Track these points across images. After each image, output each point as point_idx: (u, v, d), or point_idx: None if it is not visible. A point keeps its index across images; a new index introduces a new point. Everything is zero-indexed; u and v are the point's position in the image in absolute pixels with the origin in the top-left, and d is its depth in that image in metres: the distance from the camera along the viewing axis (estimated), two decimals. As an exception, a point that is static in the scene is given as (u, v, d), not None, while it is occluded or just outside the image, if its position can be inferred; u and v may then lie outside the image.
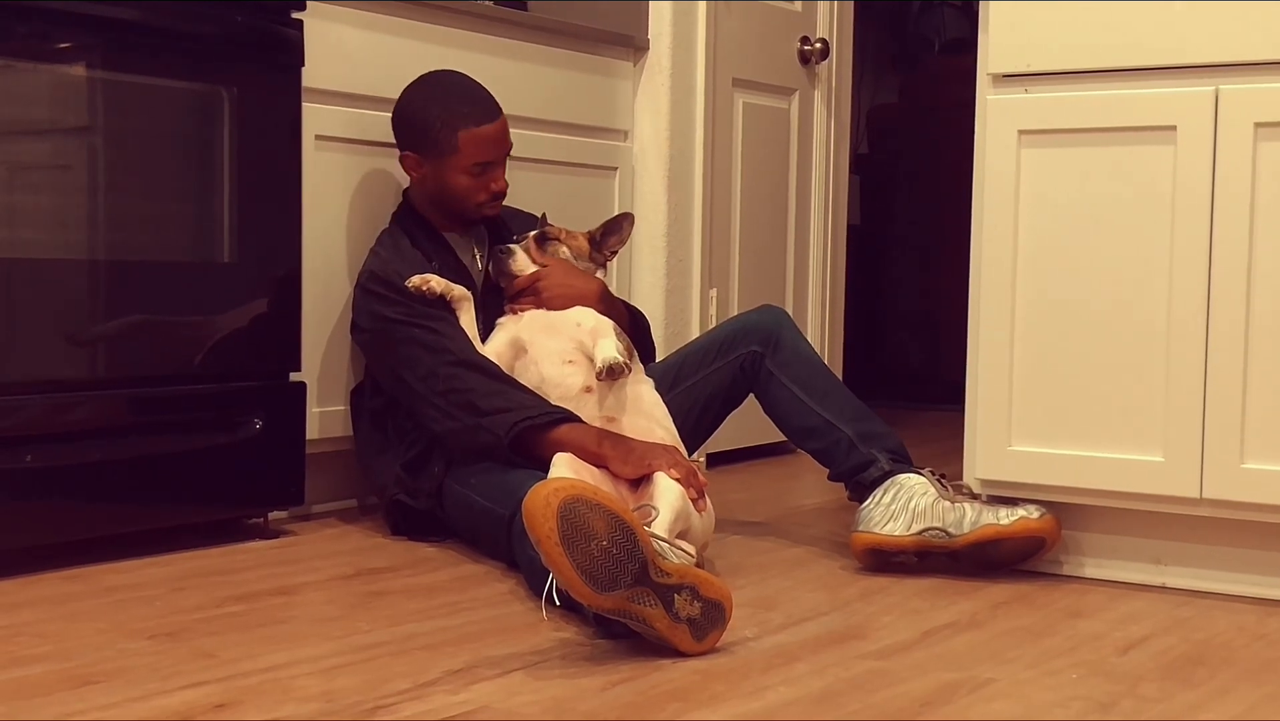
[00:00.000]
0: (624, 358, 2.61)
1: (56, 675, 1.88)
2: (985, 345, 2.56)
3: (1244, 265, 2.34)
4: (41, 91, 2.47)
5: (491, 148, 2.84)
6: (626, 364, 2.61)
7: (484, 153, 2.83)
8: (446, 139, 2.81)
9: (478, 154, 2.82)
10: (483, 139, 2.83)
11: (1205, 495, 2.38)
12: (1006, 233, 2.53)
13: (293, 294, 2.83)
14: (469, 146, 2.81)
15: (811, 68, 4.18)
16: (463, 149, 2.81)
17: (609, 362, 2.58)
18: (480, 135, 2.82)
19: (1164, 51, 2.40)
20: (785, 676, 1.94)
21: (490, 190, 2.86)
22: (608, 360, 2.59)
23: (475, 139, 2.82)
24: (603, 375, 2.59)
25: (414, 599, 2.36)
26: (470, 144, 2.81)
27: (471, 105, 2.84)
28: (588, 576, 1.91)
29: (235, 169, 2.71)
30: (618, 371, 2.59)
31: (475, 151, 2.82)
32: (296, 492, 2.85)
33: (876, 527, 2.58)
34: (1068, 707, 1.83)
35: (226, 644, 2.04)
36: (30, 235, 2.47)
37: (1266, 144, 2.32)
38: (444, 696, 1.82)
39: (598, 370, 2.60)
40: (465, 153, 2.81)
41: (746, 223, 3.97)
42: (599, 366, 2.59)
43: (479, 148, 2.82)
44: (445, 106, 2.83)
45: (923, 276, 5.59)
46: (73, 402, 2.50)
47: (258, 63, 2.75)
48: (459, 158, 2.81)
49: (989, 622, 2.26)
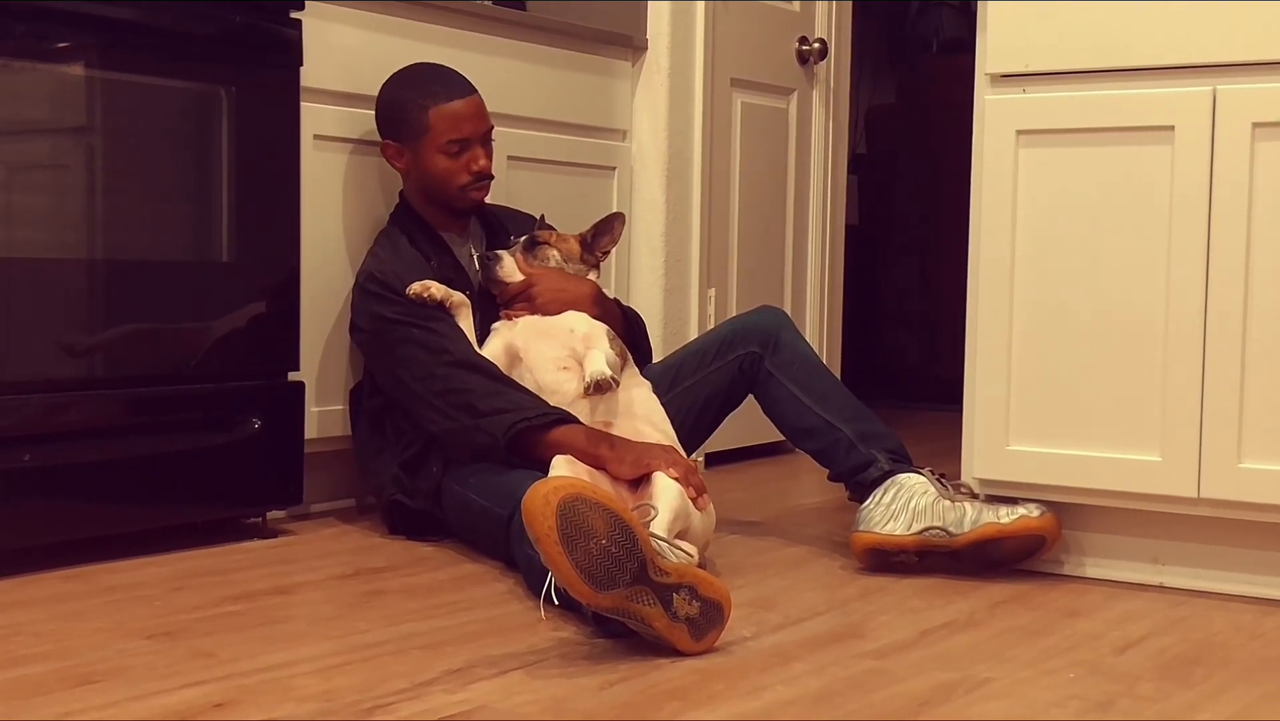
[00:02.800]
0: (612, 372, 2.61)
1: (55, 674, 1.88)
2: (983, 345, 2.56)
3: (1241, 265, 2.34)
4: (40, 91, 2.47)
5: (464, 124, 2.85)
6: (614, 379, 2.60)
7: (456, 129, 2.84)
8: (418, 119, 2.83)
9: (450, 130, 2.83)
10: (453, 114, 2.84)
11: (1203, 495, 2.38)
12: (1004, 232, 2.53)
13: (291, 293, 2.83)
14: (440, 123, 2.83)
15: (810, 68, 4.18)
16: (434, 126, 2.83)
17: (596, 379, 2.57)
18: (450, 111, 2.84)
19: (1162, 51, 2.40)
20: (783, 676, 1.94)
21: (471, 171, 2.86)
22: (595, 376, 2.58)
23: (445, 115, 2.83)
24: (589, 390, 2.59)
25: (412, 598, 2.36)
26: (441, 120, 2.83)
27: (440, 85, 2.87)
28: (586, 575, 1.91)
29: (234, 168, 2.71)
30: (605, 387, 2.58)
31: (447, 128, 2.83)
32: (295, 492, 2.85)
33: (877, 527, 2.58)
34: (1065, 707, 1.83)
35: (225, 643, 2.04)
36: (28, 235, 2.47)
37: (1264, 144, 2.32)
38: (442, 696, 1.82)
39: (585, 386, 2.59)
40: (437, 130, 2.83)
41: (745, 222, 3.97)
42: (586, 381, 2.59)
43: (450, 124, 2.83)
44: (415, 88, 2.86)
45: (921, 276, 5.59)
46: (71, 402, 2.50)
47: (256, 62, 2.75)
48: (432, 136, 2.83)
49: (987, 622, 2.27)
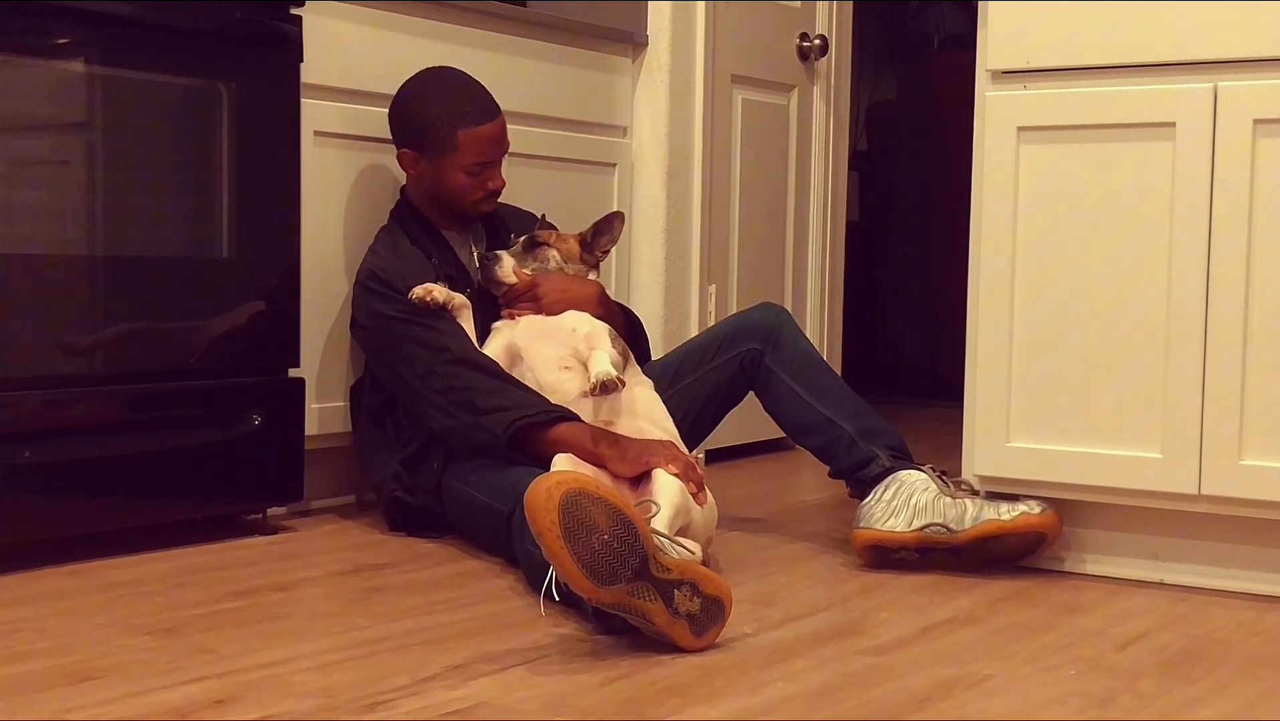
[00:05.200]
0: (617, 372, 2.61)
1: (56, 670, 1.88)
2: (984, 341, 2.56)
3: (1243, 261, 2.34)
4: (40, 87, 2.47)
5: (491, 147, 2.84)
6: (620, 379, 2.60)
7: (484, 152, 2.83)
8: (447, 137, 2.80)
9: (478, 154, 2.82)
10: (483, 138, 2.82)
11: (1203, 491, 2.38)
12: (1005, 229, 2.53)
13: (292, 290, 2.83)
14: (469, 146, 2.81)
15: (810, 64, 4.18)
16: (463, 148, 2.81)
17: (602, 379, 2.57)
18: (480, 135, 2.82)
19: (1163, 48, 2.40)
20: (784, 672, 1.94)
21: (487, 189, 2.86)
22: (600, 377, 2.57)
23: (475, 138, 2.81)
24: (595, 391, 2.59)
25: (412, 594, 2.36)
26: (471, 143, 2.81)
27: (472, 104, 2.83)
28: (588, 570, 1.91)
29: (234, 165, 2.71)
30: (610, 388, 2.58)
31: (475, 151, 2.82)
32: (295, 488, 2.85)
33: (878, 524, 2.58)
34: (1065, 704, 1.83)
35: (226, 639, 2.04)
36: (29, 231, 2.47)
37: (1265, 140, 2.32)
38: (443, 692, 1.82)
39: (591, 386, 2.59)
40: (465, 152, 2.81)
41: (745, 219, 3.97)
42: (592, 382, 2.58)
43: (479, 147, 2.82)
44: (445, 105, 2.82)
45: (921, 273, 5.59)
46: (71, 398, 2.50)
47: (256, 58, 2.75)
48: (458, 156, 2.81)
49: (987, 618, 2.27)
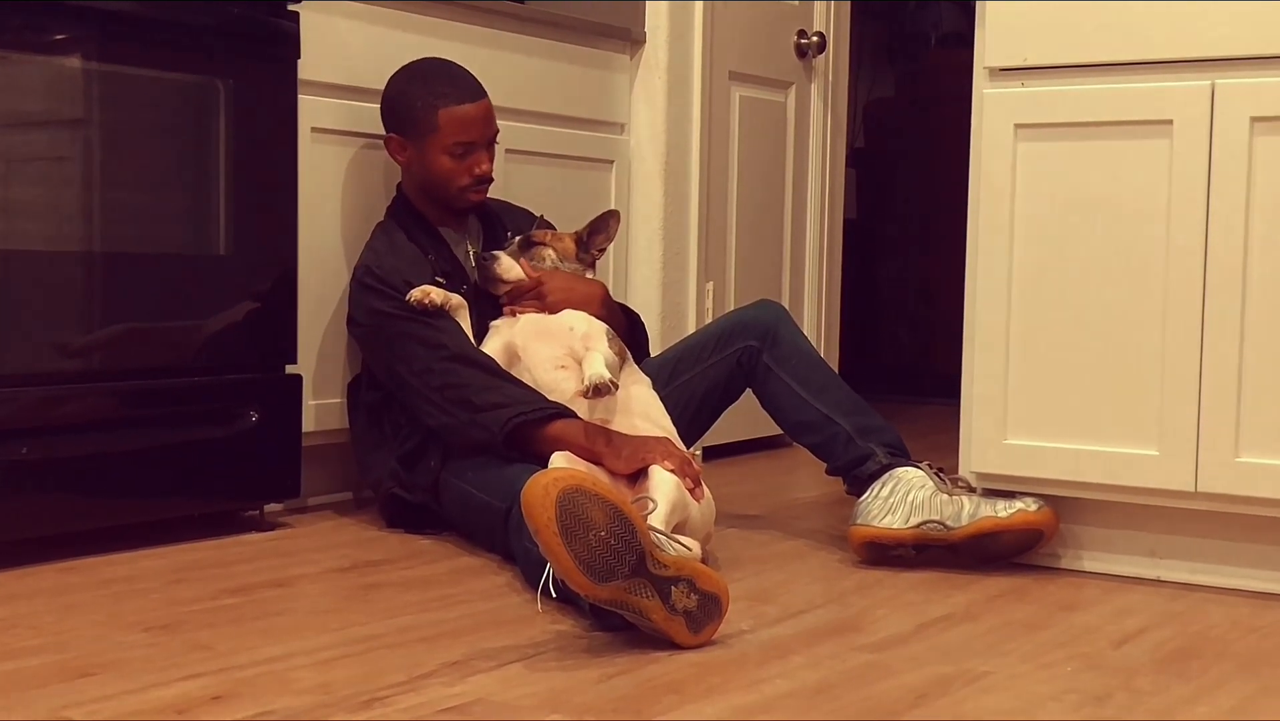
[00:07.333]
0: (612, 374, 2.61)
1: (52, 667, 1.88)
2: (981, 339, 2.56)
3: (1240, 259, 2.34)
4: (37, 83, 2.47)
5: (472, 128, 2.84)
6: (613, 382, 2.60)
7: (464, 132, 2.83)
8: (427, 118, 2.82)
9: (458, 133, 2.83)
10: (462, 118, 2.83)
11: (1200, 489, 2.39)
12: (1002, 226, 2.53)
13: (289, 286, 2.82)
14: (449, 125, 2.82)
15: (808, 61, 4.18)
16: (443, 127, 2.82)
17: (595, 382, 2.56)
18: (460, 114, 2.83)
19: (1160, 46, 2.40)
20: (781, 669, 1.94)
21: (473, 174, 2.86)
22: (594, 379, 2.57)
23: (455, 117, 2.83)
24: (589, 393, 2.58)
25: (410, 591, 2.36)
26: (450, 122, 2.82)
27: (452, 85, 2.86)
28: (585, 566, 1.91)
29: (231, 161, 2.71)
30: (604, 390, 2.57)
31: (455, 130, 2.83)
32: (292, 485, 2.84)
33: (875, 521, 2.58)
34: (1062, 701, 1.83)
35: (222, 636, 2.04)
36: (25, 227, 2.47)
37: (1262, 138, 2.32)
38: (440, 688, 1.82)
39: (584, 388, 2.59)
40: (445, 131, 2.82)
41: (743, 216, 3.97)
42: (586, 384, 2.58)
43: (459, 127, 2.83)
44: (426, 86, 2.85)
45: (919, 270, 5.59)
46: (68, 395, 2.50)
47: (253, 55, 2.74)
48: (439, 136, 2.82)
49: (984, 615, 2.27)
